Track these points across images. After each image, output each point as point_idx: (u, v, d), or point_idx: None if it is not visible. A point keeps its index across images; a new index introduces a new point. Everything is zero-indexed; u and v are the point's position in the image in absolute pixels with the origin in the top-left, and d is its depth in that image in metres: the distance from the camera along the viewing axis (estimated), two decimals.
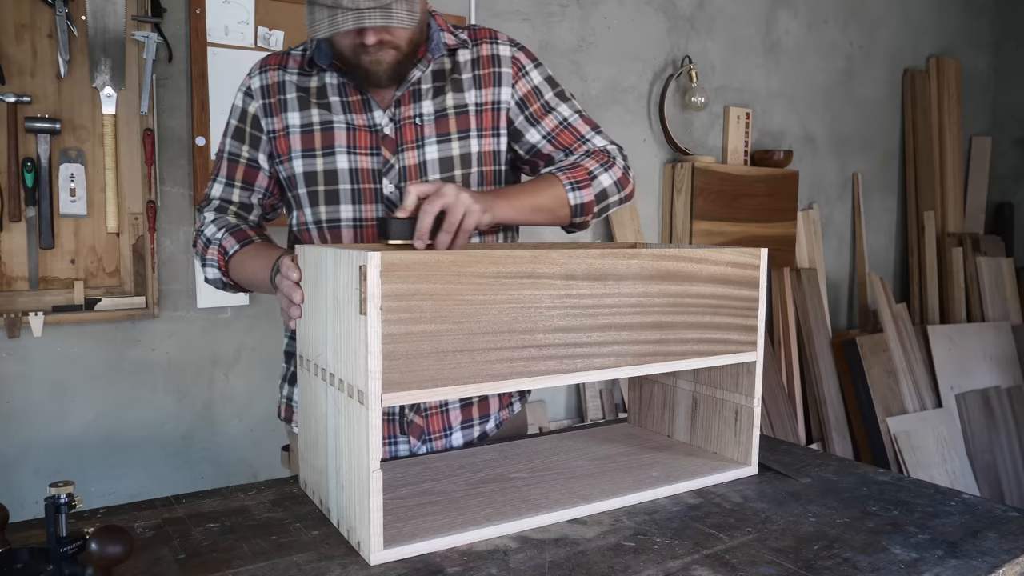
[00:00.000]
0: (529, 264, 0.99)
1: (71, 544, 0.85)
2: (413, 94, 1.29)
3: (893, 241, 4.26)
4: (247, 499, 1.13)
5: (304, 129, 1.29)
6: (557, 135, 1.33)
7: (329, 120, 1.28)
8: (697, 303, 1.15)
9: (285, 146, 1.31)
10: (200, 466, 2.26)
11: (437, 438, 1.33)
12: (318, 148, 1.29)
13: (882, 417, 3.50)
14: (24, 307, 1.96)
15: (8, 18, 1.91)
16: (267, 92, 1.32)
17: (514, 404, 1.45)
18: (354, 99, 1.29)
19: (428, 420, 1.32)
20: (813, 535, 1.03)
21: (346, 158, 1.28)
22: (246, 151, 1.34)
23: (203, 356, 2.24)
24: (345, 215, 1.28)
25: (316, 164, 1.29)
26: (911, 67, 4.19)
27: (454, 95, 1.30)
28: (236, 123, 1.35)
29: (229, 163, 1.36)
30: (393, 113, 1.28)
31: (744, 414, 1.26)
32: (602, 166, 1.29)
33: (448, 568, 0.92)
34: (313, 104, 1.29)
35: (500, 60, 1.32)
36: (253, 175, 1.35)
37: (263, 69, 1.33)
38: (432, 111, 1.29)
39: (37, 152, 1.95)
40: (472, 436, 1.37)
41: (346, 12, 1.10)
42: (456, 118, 1.30)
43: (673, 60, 3.23)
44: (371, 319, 0.87)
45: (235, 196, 1.36)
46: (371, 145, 1.28)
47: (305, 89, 1.30)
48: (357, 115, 1.28)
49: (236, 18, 2.21)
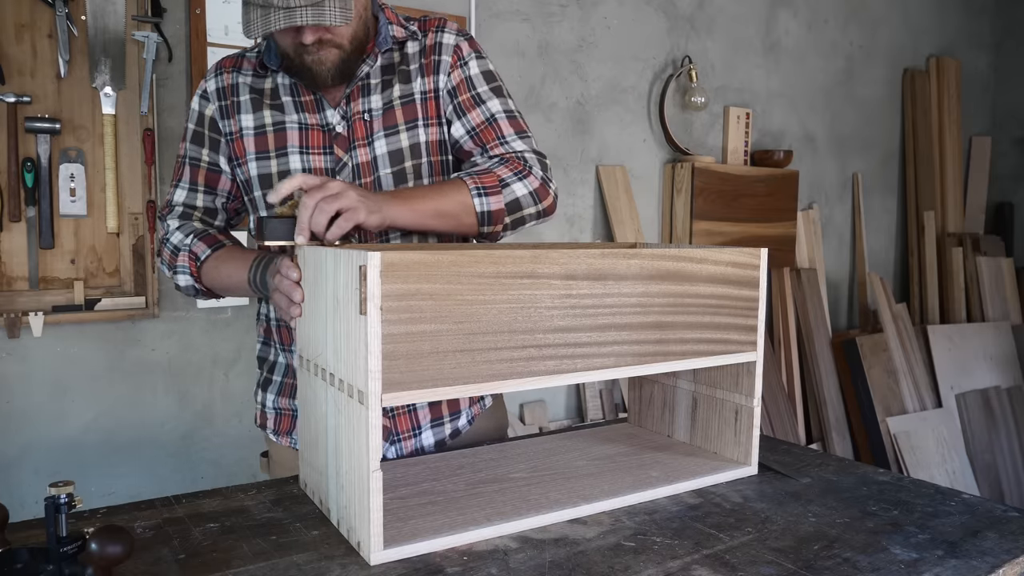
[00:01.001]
0: (529, 264, 0.99)
1: (71, 544, 0.85)
2: (362, 89, 1.27)
3: (893, 241, 4.26)
4: (247, 499, 1.13)
5: (257, 131, 1.28)
6: (480, 131, 1.29)
7: (282, 121, 1.27)
8: (697, 303, 1.15)
9: (241, 149, 1.29)
10: (200, 466, 2.26)
11: (406, 438, 1.31)
12: (272, 149, 1.27)
13: (882, 417, 3.50)
14: (24, 307, 1.96)
15: (8, 18, 1.91)
16: (222, 94, 1.30)
17: (485, 398, 1.42)
18: (306, 99, 1.27)
19: (395, 421, 1.30)
20: (813, 535, 1.03)
21: (299, 158, 1.26)
22: (207, 154, 1.32)
23: (203, 356, 2.24)
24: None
25: (270, 166, 1.27)
26: (911, 67, 4.19)
27: (401, 86, 1.28)
28: (194, 127, 1.33)
29: (191, 168, 1.33)
30: (344, 110, 1.26)
31: (744, 414, 1.26)
32: (516, 175, 1.24)
33: (448, 568, 0.92)
34: (266, 105, 1.28)
35: (442, 48, 1.30)
36: (215, 179, 1.33)
37: (218, 72, 1.32)
38: (380, 105, 1.27)
39: (37, 152, 1.95)
40: (444, 434, 1.35)
41: (278, 11, 1.08)
42: (403, 108, 1.27)
43: (673, 60, 3.23)
44: (371, 319, 0.87)
45: (199, 201, 1.34)
46: (324, 144, 1.26)
47: (259, 91, 1.29)
48: (310, 114, 1.27)
49: (236, 18, 2.21)
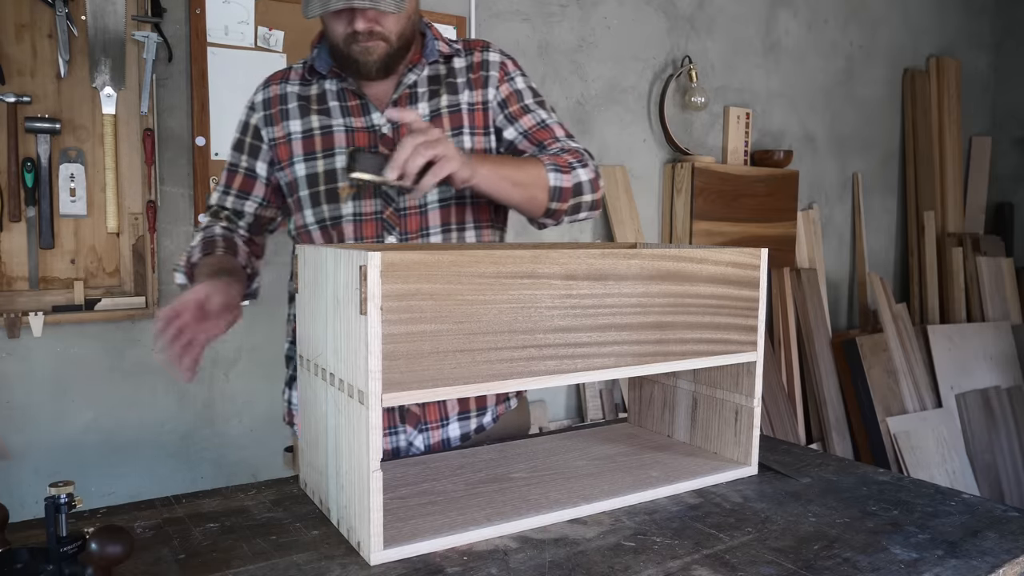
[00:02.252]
0: (529, 264, 0.99)
1: (71, 544, 0.85)
2: (410, 96, 1.35)
3: (893, 241, 4.26)
4: (247, 499, 1.13)
5: (305, 135, 1.35)
6: (533, 132, 1.37)
7: (329, 125, 1.34)
8: (697, 303, 1.15)
9: (286, 152, 1.36)
10: (200, 466, 2.26)
11: (434, 427, 1.36)
12: (319, 151, 1.34)
13: (882, 417, 3.50)
14: (24, 307, 1.96)
15: (8, 18, 1.91)
16: (268, 104, 1.39)
17: (511, 400, 1.47)
18: (353, 103, 1.35)
19: (424, 408, 1.35)
20: (813, 535, 1.03)
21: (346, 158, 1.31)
22: (244, 160, 1.41)
23: (203, 356, 2.24)
24: (346, 211, 1.33)
25: (317, 166, 1.34)
26: (911, 67, 4.19)
27: (448, 96, 1.36)
28: (239, 136, 1.43)
29: (228, 173, 1.43)
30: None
31: (744, 414, 1.26)
32: (579, 163, 1.32)
33: (448, 568, 0.92)
34: (313, 111, 1.35)
35: (489, 65, 1.39)
36: (249, 184, 1.42)
37: (266, 85, 1.42)
38: (427, 112, 1.35)
39: (37, 152, 1.95)
40: (469, 428, 1.40)
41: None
42: (450, 116, 1.35)
43: (673, 60, 3.23)
44: (371, 319, 0.87)
45: (228, 203, 1.42)
46: (370, 145, 1.33)
47: (306, 98, 1.37)
48: (356, 118, 1.34)
49: (236, 18, 2.21)
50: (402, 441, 1.34)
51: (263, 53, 2.25)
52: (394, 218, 1.32)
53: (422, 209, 1.32)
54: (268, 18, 2.25)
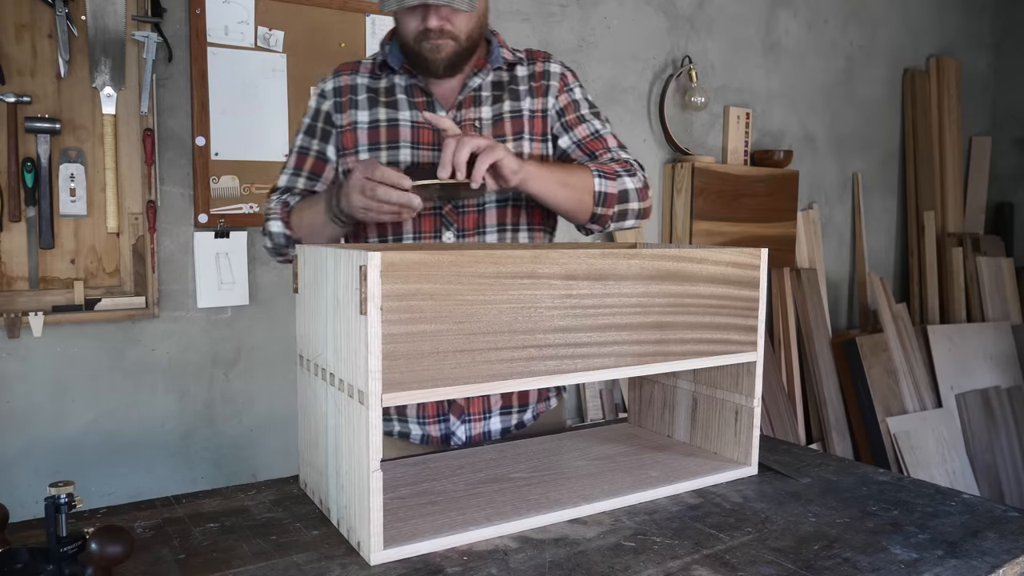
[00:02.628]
0: (529, 264, 0.99)
1: (71, 544, 0.85)
2: (474, 99, 1.41)
3: (893, 241, 4.26)
4: (247, 499, 1.13)
5: (371, 125, 1.40)
6: (587, 142, 1.44)
7: (395, 118, 1.39)
8: (697, 303, 1.15)
9: (351, 140, 1.41)
10: (200, 466, 2.26)
11: (476, 419, 1.42)
12: (383, 142, 1.39)
13: (882, 417, 3.50)
14: (24, 307, 1.96)
15: (8, 18, 1.91)
16: (339, 92, 1.43)
17: (551, 399, 1.52)
18: (419, 99, 1.40)
19: (469, 401, 1.41)
20: (813, 535, 1.03)
21: (409, 151, 1.38)
22: (316, 144, 1.45)
23: (203, 356, 2.24)
24: None
25: (381, 157, 1.39)
26: (911, 67, 4.19)
27: (510, 102, 1.42)
28: (309, 121, 1.46)
29: (299, 156, 1.46)
30: (455, 115, 1.39)
31: (744, 414, 1.26)
32: (627, 172, 1.39)
33: (448, 568, 0.92)
34: (381, 104, 1.40)
35: (550, 75, 1.46)
36: (320, 166, 1.45)
37: (336, 74, 1.45)
38: (490, 116, 1.41)
39: (37, 152, 1.95)
40: (510, 423, 1.45)
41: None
42: (511, 121, 1.41)
43: (673, 60, 3.23)
44: (371, 319, 0.87)
45: (300, 184, 1.45)
46: (433, 141, 1.38)
47: (375, 90, 1.42)
48: (421, 114, 1.39)
49: (236, 18, 2.21)
50: (444, 430, 1.41)
51: (263, 53, 2.25)
52: (452, 215, 1.38)
53: (479, 207, 1.38)
54: (268, 18, 2.25)
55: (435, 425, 1.40)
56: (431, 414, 1.40)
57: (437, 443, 1.41)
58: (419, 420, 1.41)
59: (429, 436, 1.41)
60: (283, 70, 2.29)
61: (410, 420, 1.42)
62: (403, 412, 1.42)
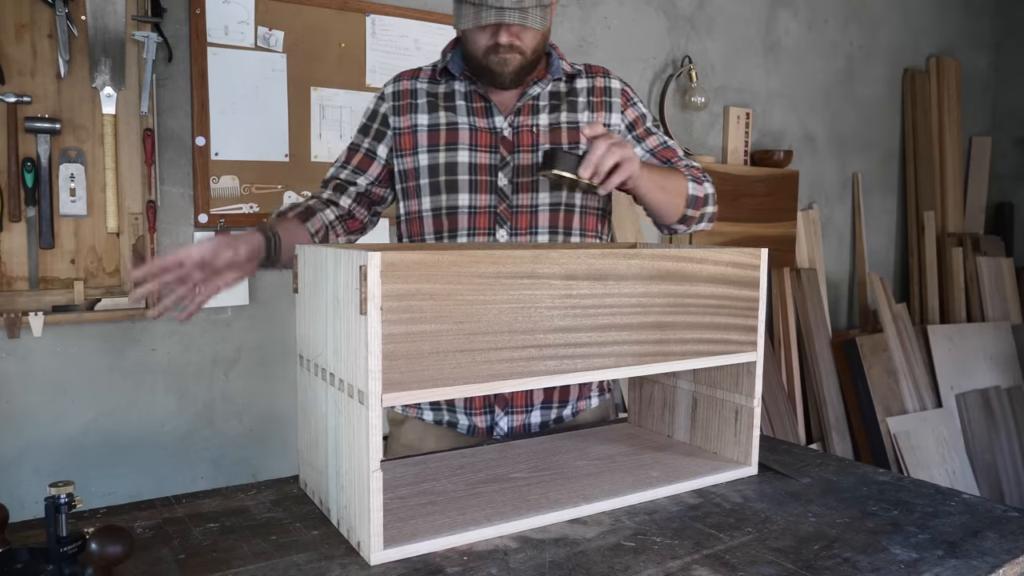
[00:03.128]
0: (529, 264, 0.99)
1: (71, 544, 0.85)
2: (532, 107, 1.46)
3: (893, 241, 4.26)
4: (247, 499, 1.13)
5: (431, 128, 1.46)
6: (659, 151, 1.53)
7: (455, 121, 1.45)
8: (697, 303, 1.15)
9: (410, 142, 1.47)
10: (200, 466, 2.26)
11: (519, 412, 1.47)
12: (442, 144, 1.45)
13: (882, 417, 3.50)
14: (24, 307, 1.96)
15: (8, 18, 1.91)
16: (398, 96, 1.49)
17: (592, 398, 1.57)
18: (478, 105, 1.46)
19: (512, 393, 1.45)
20: (813, 535, 1.03)
21: (467, 154, 1.43)
22: (367, 143, 1.51)
23: (203, 356, 2.24)
24: (463, 203, 1.43)
25: (439, 157, 1.44)
26: (911, 67, 4.19)
27: (568, 113, 1.48)
28: (366, 121, 1.53)
29: (349, 151, 1.53)
30: (512, 120, 1.45)
31: (744, 414, 1.26)
32: (704, 177, 1.50)
33: (448, 568, 0.92)
34: (441, 107, 1.46)
35: (611, 91, 1.52)
36: (367, 163, 1.51)
37: (397, 79, 1.51)
38: (547, 124, 1.46)
39: (37, 152, 1.95)
40: (549, 417, 1.50)
41: (490, 10, 1.28)
42: (568, 132, 1.47)
43: (673, 60, 3.23)
44: (371, 319, 0.87)
45: (344, 175, 1.51)
46: (491, 144, 1.44)
47: (434, 95, 1.48)
48: (480, 119, 1.45)
49: (236, 18, 2.21)
50: (489, 421, 1.46)
51: (263, 53, 2.25)
52: (507, 214, 1.43)
53: (532, 209, 1.43)
54: (268, 18, 2.25)
55: (481, 416, 1.46)
56: (478, 405, 1.46)
57: (483, 434, 1.46)
58: (466, 411, 1.46)
59: (475, 427, 1.46)
60: (283, 70, 2.29)
61: (458, 410, 1.47)
62: (452, 402, 1.47)
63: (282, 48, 2.28)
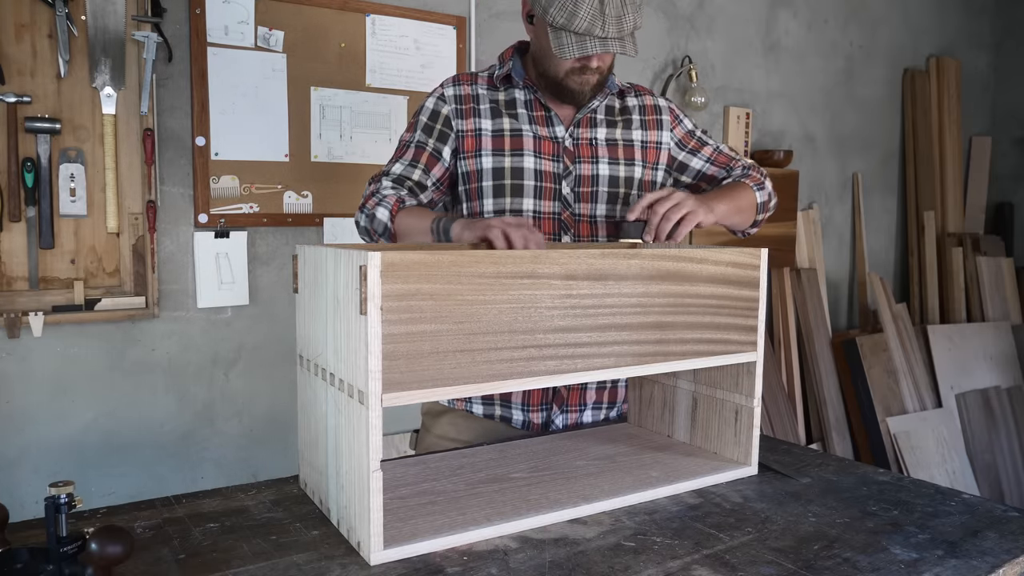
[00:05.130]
0: (529, 264, 0.99)
1: (71, 544, 0.85)
2: (590, 120, 1.52)
3: (893, 241, 4.26)
4: (247, 499, 1.13)
5: (495, 133, 1.49)
6: (716, 159, 1.61)
7: (519, 128, 1.49)
8: (697, 303, 1.15)
9: (473, 145, 1.49)
10: (200, 466, 2.26)
11: (573, 411, 1.52)
12: (507, 149, 1.48)
13: (882, 417, 3.50)
14: (24, 307, 1.96)
15: (8, 18, 1.91)
16: (460, 100, 1.51)
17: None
18: (539, 114, 1.50)
19: (569, 393, 1.51)
20: (813, 535, 1.03)
21: (533, 160, 1.47)
22: (432, 143, 1.51)
23: (203, 356, 2.24)
24: (527, 207, 1.47)
25: (505, 161, 1.47)
26: (911, 67, 4.19)
27: (623, 130, 1.54)
28: (427, 120, 1.52)
29: (416, 149, 1.51)
30: (572, 131, 1.50)
31: (744, 414, 1.26)
32: (762, 175, 1.59)
33: (448, 568, 0.92)
34: (504, 114, 1.50)
35: (660, 110, 1.60)
36: (433, 163, 1.51)
37: (456, 83, 1.53)
38: (604, 137, 1.52)
39: (37, 152, 1.95)
40: (599, 417, 1.56)
41: (594, 40, 1.32)
42: (624, 148, 1.53)
43: (673, 60, 3.23)
44: (371, 319, 0.87)
45: (415, 175, 1.49)
46: (554, 153, 1.48)
47: (495, 101, 1.51)
48: (541, 127, 1.49)
49: (236, 18, 2.21)
50: (545, 418, 1.50)
51: (263, 53, 2.25)
52: (571, 221, 1.48)
53: (592, 219, 1.49)
54: (268, 18, 2.25)
55: (538, 412, 1.50)
56: (535, 402, 1.50)
57: (538, 429, 1.50)
58: (523, 407, 1.50)
59: (531, 422, 1.50)
60: (283, 70, 2.29)
61: (514, 406, 1.50)
62: (507, 398, 1.50)
63: (282, 48, 2.28)
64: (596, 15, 1.29)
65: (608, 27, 1.30)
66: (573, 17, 1.30)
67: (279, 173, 2.31)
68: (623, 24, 1.31)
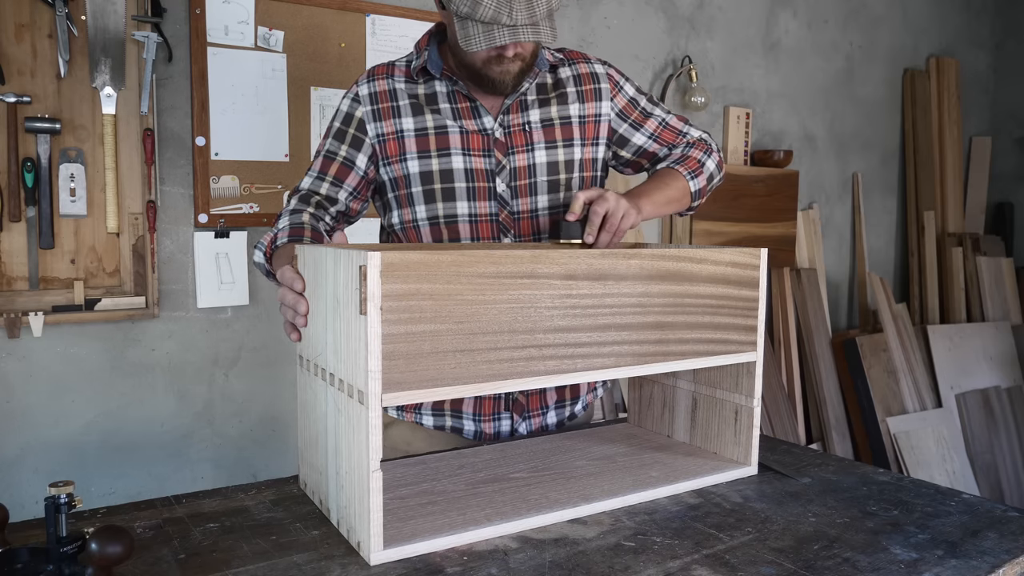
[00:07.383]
0: (529, 264, 0.99)
1: (71, 544, 0.85)
2: (520, 104, 1.41)
3: (893, 241, 4.26)
4: (247, 499, 1.13)
5: (419, 133, 1.38)
6: (659, 134, 1.50)
7: (443, 124, 1.38)
8: (697, 303, 1.15)
9: (396, 148, 1.38)
10: (200, 466, 2.26)
11: (535, 415, 1.47)
12: (433, 150, 1.37)
13: (882, 417, 3.50)
14: (24, 307, 1.96)
15: (8, 18, 1.91)
16: (376, 99, 1.39)
17: (597, 389, 1.60)
18: (463, 106, 1.39)
19: (528, 399, 1.45)
20: (813, 535, 1.03)
21: (461, 159, 1.37)
22: (344, 151, 1.40)
23: (203, 356, 2.24)
24: (462, 211, 1.37)
25: (432, 164, 1.37)
26: (911, 67, 4.19)
27: (559, 107, 1.43)
28: (339, 125, 1.42)
29: (324, 160, 1.41)
30: (503, 120, 1.39)
31: (744, 414, 1.26)
32: (705, 153, 1.48)
33: (448, 568, 0.92)
34: (426, 110, 1.38)
35: (598, 77, 1.47)
36: (345, 173, 1.41)
37: (371, 78, 1.41)
38: (539, 119, 1.41)
39: (37, 152, 1.95)
40: (564, 415, 1.52)
41: (503, 28, 1.20)
42: (561, 128, 1.42)
43: (673, 60, 3.23)
44: (371, 319, 0.87)
45: (323, 189, 1.40)
46: (484, 148, 1.38)
47: (415, 96, 1.39)
48: (467, 120, 1.38)
49: (236, 18, 2.21)
50: (504, 426, 1.44)
51: (263, 53, 2.25)
52: (509, 221, 1.39)
53: (533, 214, 1.40)
54: (268, 18, 2.25)
55: (490, 422, 1.43)
56: (487, 412, 1.43)
57: (491, 439, 1.44)
58: (475, 417, 1.43)
59: (483, 432, 1.43)
60: (283, 70, 2.29)
61: (464, 417, 1.43)
62: (458, 408, 1.43)
63: (282, 48, 2.28)
64: (502, 1, 1.18)
65: (516, 13, 1.19)
66: (477, 5, 1.18)
67: (279, 173, 2.31)
68: (535, 7, 1.19)
